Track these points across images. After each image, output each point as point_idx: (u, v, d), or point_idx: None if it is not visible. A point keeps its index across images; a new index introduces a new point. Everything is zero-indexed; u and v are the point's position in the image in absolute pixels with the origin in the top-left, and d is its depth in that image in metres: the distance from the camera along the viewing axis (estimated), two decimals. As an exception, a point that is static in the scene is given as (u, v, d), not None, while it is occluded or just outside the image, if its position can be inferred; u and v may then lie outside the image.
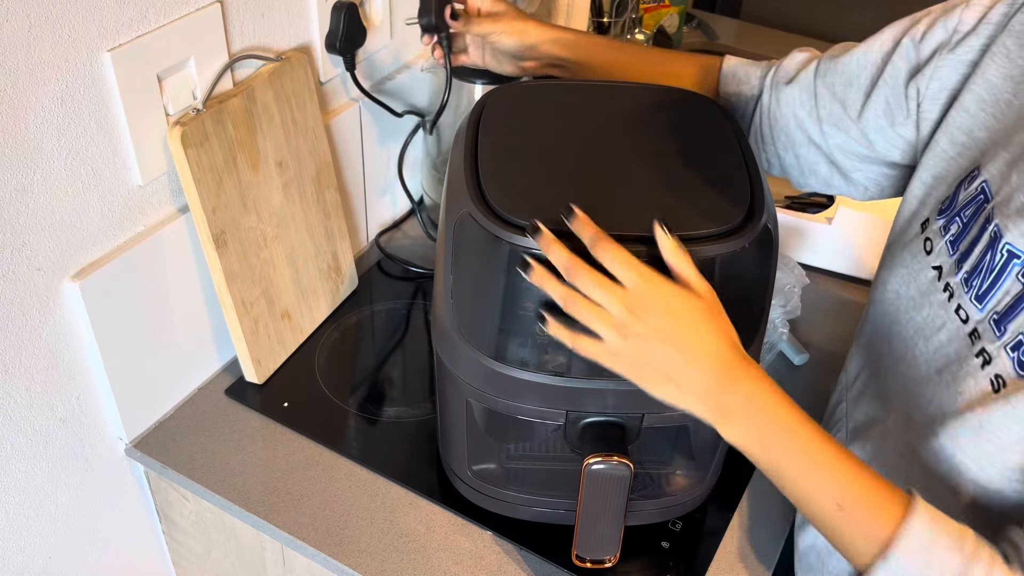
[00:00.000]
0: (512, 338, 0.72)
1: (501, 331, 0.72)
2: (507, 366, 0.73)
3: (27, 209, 0.76)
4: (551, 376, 0.73)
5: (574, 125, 0.80)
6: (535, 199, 0.70)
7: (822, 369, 1.09)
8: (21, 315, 0.80)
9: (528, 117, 0.81)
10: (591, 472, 0.71)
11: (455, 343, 0.76)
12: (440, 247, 0.76)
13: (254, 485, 0.91)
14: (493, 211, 0.69)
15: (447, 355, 0.78)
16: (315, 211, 1.05)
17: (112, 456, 0.95)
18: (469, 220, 0.70)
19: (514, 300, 0.70)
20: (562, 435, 0.77)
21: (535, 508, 0.86)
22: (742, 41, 1.84)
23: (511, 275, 0.68)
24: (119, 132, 0.82)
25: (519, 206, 0.69)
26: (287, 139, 0.98)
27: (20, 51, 0.71)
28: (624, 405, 0.75)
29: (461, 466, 0.87)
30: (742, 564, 0.87)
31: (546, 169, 0.74)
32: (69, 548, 0.94)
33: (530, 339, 0.71)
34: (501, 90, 0.85)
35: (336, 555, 0.85)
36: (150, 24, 0.81)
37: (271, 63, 0.95)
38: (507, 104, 0.82)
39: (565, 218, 0.65)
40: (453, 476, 0.89)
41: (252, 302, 0.97)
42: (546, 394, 0.74)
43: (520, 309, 0.70)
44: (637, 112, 0.82)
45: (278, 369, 1.03)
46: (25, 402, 0.83)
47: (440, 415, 0.88)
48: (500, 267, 0.69)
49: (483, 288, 0.72)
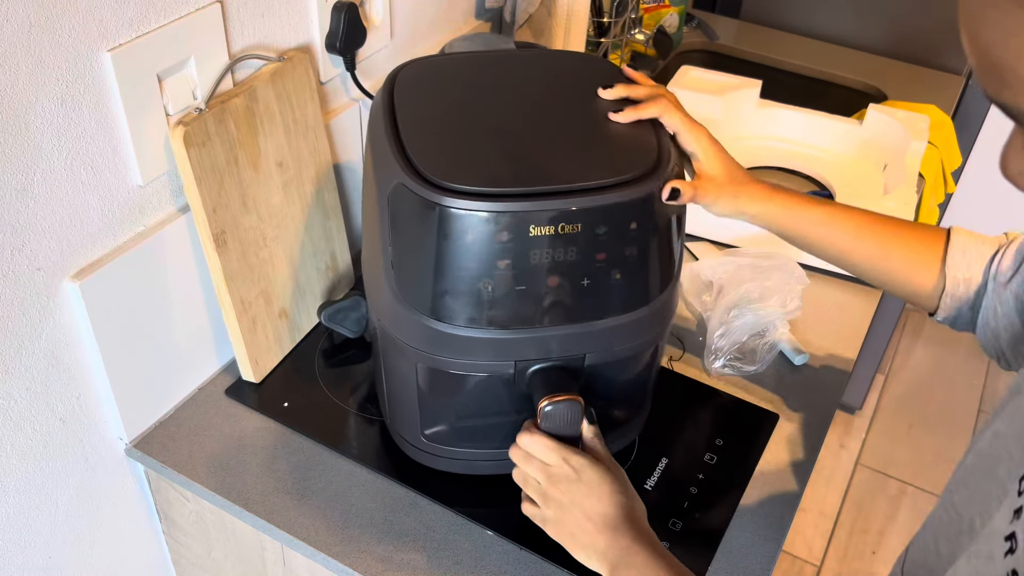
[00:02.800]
0: (457, 298, 0.75)
1: (445, 293, 0.74)
2: (455, 326, 0.76)
3: (27, 209, 0.76)
4: (497, 331, 0.76)
5: (487, 93, 0.84)
6: (462, 164, 0.74)
7: (822, 369, 1.09)
8: (21, 315, 0.80)
9: (441, 88, 0.84)
10: (546, 413, 0.76)
11: (400, 312, 0.78)
12: (370, 222, 0.79)
13: (254, 485, 0.91)
14: (425, 178, 0.72)
15: (393, 326, 0.80)
16: (314, 211, 1.05)
17: (112, 456, 0.95)
18: (403, 190, 0.72)
19: (455, 262, 0.73)
20: (512, 385, 0.81)
21: (493, 461, 0.88)
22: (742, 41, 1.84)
23: (450, 238, 0.72)
24: (119, 132, 0.82)
25: (449, 172, 0.72)
26: (288, 139, 0.98)
27: (20, 51, 0.71)
28: (567, 348, 0.79)
29: (413, 432, 0.89)
30: (742, 564, 0.87)
31: (467, 135, 0.78)
32: (69, 548, 0.94)
33: (474, 297, 0.74)
34: (411, 64, 0.87)
35: (336, 555, 0.85)
36: (150, 24, 0.81)
37: (273, 63, 0.95)
38: (419, 77, 0.85)
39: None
40: (404, 443, 0.92)
41: (251, 301, 0.97)
42: (494, 348, 0.78)
43: (461, 270, 0.73)
44: (545, 78, 0.87)
45: (277, 369, 1.03)
46: (25, 402, 0.83)
47: (387, 387, 0.90)
48: (439, 231, 0.72)
49: (424, 254, 0.74)
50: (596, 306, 0.77)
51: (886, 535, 2.07)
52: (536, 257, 0.72)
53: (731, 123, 1.42)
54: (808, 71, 1.77)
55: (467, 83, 0.85)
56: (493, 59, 0.90)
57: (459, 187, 0.71)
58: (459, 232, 0.72)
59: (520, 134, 0.78)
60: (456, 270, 0.73)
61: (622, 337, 0.80)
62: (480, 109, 0.81)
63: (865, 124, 1.40)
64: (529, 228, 0.71)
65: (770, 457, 0.98)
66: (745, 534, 0.89)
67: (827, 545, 2.04)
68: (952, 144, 1.49)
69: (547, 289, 0.74)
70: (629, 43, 1.64)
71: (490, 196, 0.71)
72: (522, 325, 0.76)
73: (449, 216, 0.71)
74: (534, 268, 0.73)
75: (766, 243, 1.24)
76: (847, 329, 1.15)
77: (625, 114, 0.79)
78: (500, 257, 0.72)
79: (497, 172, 0.73)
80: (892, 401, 2.40)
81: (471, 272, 0.73)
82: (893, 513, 2.11)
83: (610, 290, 0.76)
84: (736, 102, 1.42)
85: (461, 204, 0.71)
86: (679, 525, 0.89)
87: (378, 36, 1.11)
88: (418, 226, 0.73)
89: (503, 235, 0.71)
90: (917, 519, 2.10)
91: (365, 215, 0.84)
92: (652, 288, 0.79)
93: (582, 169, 0.74)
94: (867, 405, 2.38)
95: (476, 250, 0.72)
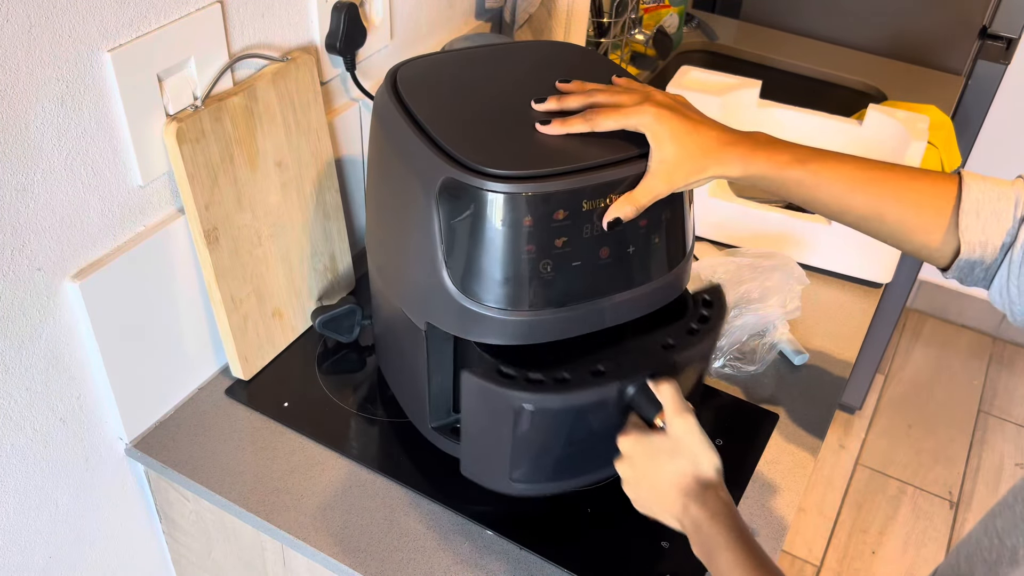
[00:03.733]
0: (522, 284, 0.75)
1: (510, 280, 0.75)
2: (524, 312, 0.76)
3: (27, 209, 0.76)
4: (558, 309, 0.77)
5: (490, 84, 0.85)
6: (503, 151, 0.74)
7: (822, 369, 1.09)
8: (21, 315, 0.80)
9: (444, 83, 0.85)
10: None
11: (461, 308, 0.77)
12: (411, 222, 0.78)
13: (254, 485, 0.91)
14: (475, 169, 0.73)
15: (452, 323, 0.79)
16: (314, 212, 1.05)
17: (112, 456, 0.95)
18: (455, 184, 0.73)
19: (517, 247, 0.74)
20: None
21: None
22: (742, 41, 1.84)
23: (512, 225, 0.73)
24: (119, 132, 0.82)
25: (496, 160, 0.73)
26: (288, 139, 0.98)
27: (20, 51, 0.71)
28: (619, 316, 0.81)
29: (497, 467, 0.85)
30: (742, 564, 0.87)
31: (492, 124, 0.78)
32: (69, 548, 0.94)
33: (538, 280, 0.75)
34: (407, 64, 0.87)
35: (336, 555, 0.85)
36: (150, 24, 0.81)
37: (275, 63, 0.95)
38: (419, 75, 0.85)
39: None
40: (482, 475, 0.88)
41: (242, 299, 0.97)
42: (560, 326, 0.78)
43: (523, 253, 0.74)
44: (539, 67, 0.87)
45: (278, 369, 1.03)
46: (25, 402, 0.83)
47: (430, 389, 0.89)
48: (500, 220, 0.73)
49: (487, 245, 0.74)
50: (642, 270, 0.79)
51: (886, 535, 2.07)
52: (588, 231, 0.75)
53: (731, 123, 1.41)
54: (808, 71, 1.77)
55: (469, 76, 0.86)
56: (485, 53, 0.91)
57: (512, 173, 0.72)
58: (517, 217, 0.73)
59: (535, 118, 0.79)
60: (519, 255, 0.75)
61: (660, 298, 0.83)
62: (488, 99, 0.82)
63: (865, 124, 1.40)
64: (582, 203, 0.73)
65: (770, 457, 0.98)
66: (745, 534, 0.89)
67: (827, 545, 2.04)
68: (952, 144, 1.49)
69: (600, 261, 0.77)
70: (629, 43, 1.64)
71: (542, 177, 0.72)
72: (579, 300, 0.77)
73: (510, 202, 0.72)
74: (586, 242, 0.75)
75: (766, 243, 1.24)
76: (847, 329, 1.15)
77: (552, 127, 0.78)
78: (557, 236, 0.74)
79: (537, 154, 0.75)
80: (892, 401, 2.40)
81: (532, 255, 0.74)
82: (893, 513, 2.11)
83: (651, 254, 0.80)
84: (736, 102, 1.42)
85: (519, 188, 0.72)
86: (679, 525, 0.89)
87: (378, 36, 1.11)
88: (475, 218, 0.74)
89: (559, 213, 0.73)
90: (917, 519, 2.10)
91: (383, 219, 0.83)
92: (680, 249, 0.83)
93: (603, 145, 0.76)
94: (867, 405, 2.38)
95: (536, 232, 0.73)
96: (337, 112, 1.10)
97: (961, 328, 2.63)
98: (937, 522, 2.10)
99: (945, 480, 2.19)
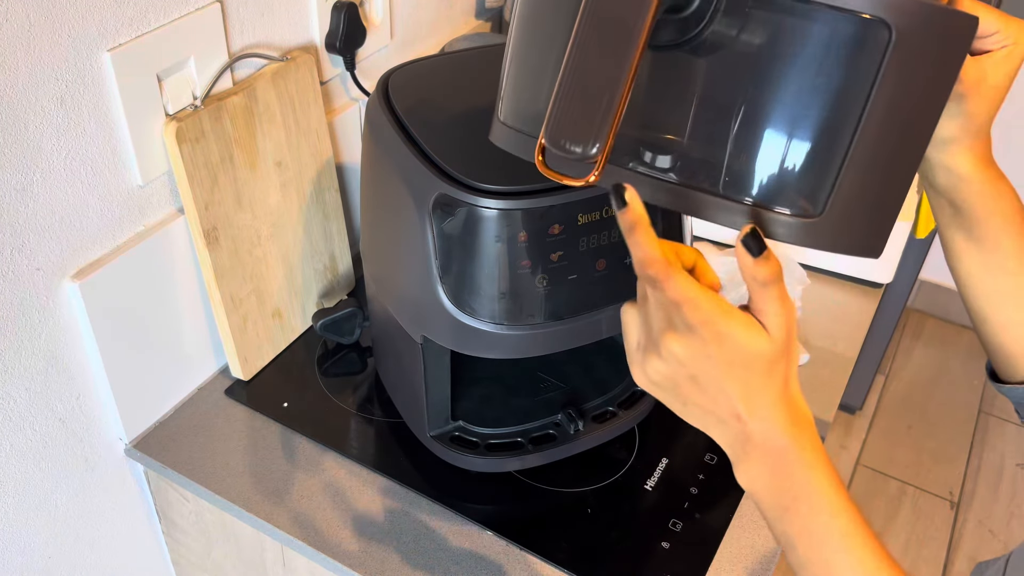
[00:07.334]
0: (517, 298, 0.75)
1: (506, 295, 0.75)
2: (520, 326, 0.76)
3: (27, 209, 0.76)
4: (554, 323, 0.76)
5: (484, 91, 0.83)
6: (497, 165, 0.72)
7: (822, 369, 1.09)
8: (21, 315, 0.79)
9: (437, 92, 0.83)
10: None
11: (455, 323, 0.77)
12: (405, 236, 0.78)
13: (254, 485, 0.91)
14: (468, 186, 0.72)
15: (446, 336, 0.79)
16: (314, 212, 1.05)
17: (112, 456, 0.95)
18: (449, 200, 0.72)
19: (514, 263, 0.73)
20: None
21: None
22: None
23: (507, 241, 0.72)
24: (119, 132, 0.82)
25: (488, 174, 0.72)
26: (288, 139, 0.98)
27: (20, 51, 0.71)
28: (616, 327, 0.78)
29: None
30: (742, 564, 0.87)
31: (483, 136, 0.76)
32: (69, 548, 0.94)
33: (532, 295, 0.75)
34: (399, 72, 0.86)
35: (336, 555, 0.85)
36: (150, 24, 0.81)
37: (274, 63, 0.95)
38: (411, 84, 0.84)
39: None
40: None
41: (242, 299, 0.97)
42: (556, 339, 0.78)
43: (519, 268, 0.73)
44: None
45: (277, 369, 1.03)
46: (25, 402, 0.83)
47: (428, 398, 0.89)
48: (496, 235, 0.72)
49: (481, 260, 0.74)
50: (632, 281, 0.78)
51: (886, 535, 2.07)
52: (584, 245, 0.74)
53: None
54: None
55: (464, 82, 0.85)
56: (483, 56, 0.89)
57: (507, 188, 0.71)
58: (512, 233, 0.72)
59: None
60: (516, 271, 0.74)
61: None
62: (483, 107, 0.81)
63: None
64: (577, 217, 0.73)
65: (770, 457, 0.98)
66: (745, 534, 0.89)
67: (827, 545, 2.04)
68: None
69: (596, 273, 0.76)
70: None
71: (537, 192, 0.71)
72: (577, 313, 0.77)
73: (505, 218, 0.71)
74: (582, 255, 0.75)
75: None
76: (847, 329, 1.15)
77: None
78: (553, 250, 0.74)
79: (532, 168, 0.72)
80: (892, 401, 2.40)
81: (528, 270, 0.74)
82: (893, 513, 2.11)
83: None
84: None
85: (513, 204, 0.71)
86: (679, 525, 0.89)
87: (378, 36, 1.11)
88: (470, 234, 0.73)
89: (554, 228, 0.73)
90: (917, 519, 2.10)
91: (377, 230, 0.83)
92: None
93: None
94: (867, 405, 2.38)
95: (532, 247, 0.73)
96: (337, 112, 1.10)
97: (962, 328, 2.63)
98: (937, 522, 2.10)
99: (945, 480, 2.19)
